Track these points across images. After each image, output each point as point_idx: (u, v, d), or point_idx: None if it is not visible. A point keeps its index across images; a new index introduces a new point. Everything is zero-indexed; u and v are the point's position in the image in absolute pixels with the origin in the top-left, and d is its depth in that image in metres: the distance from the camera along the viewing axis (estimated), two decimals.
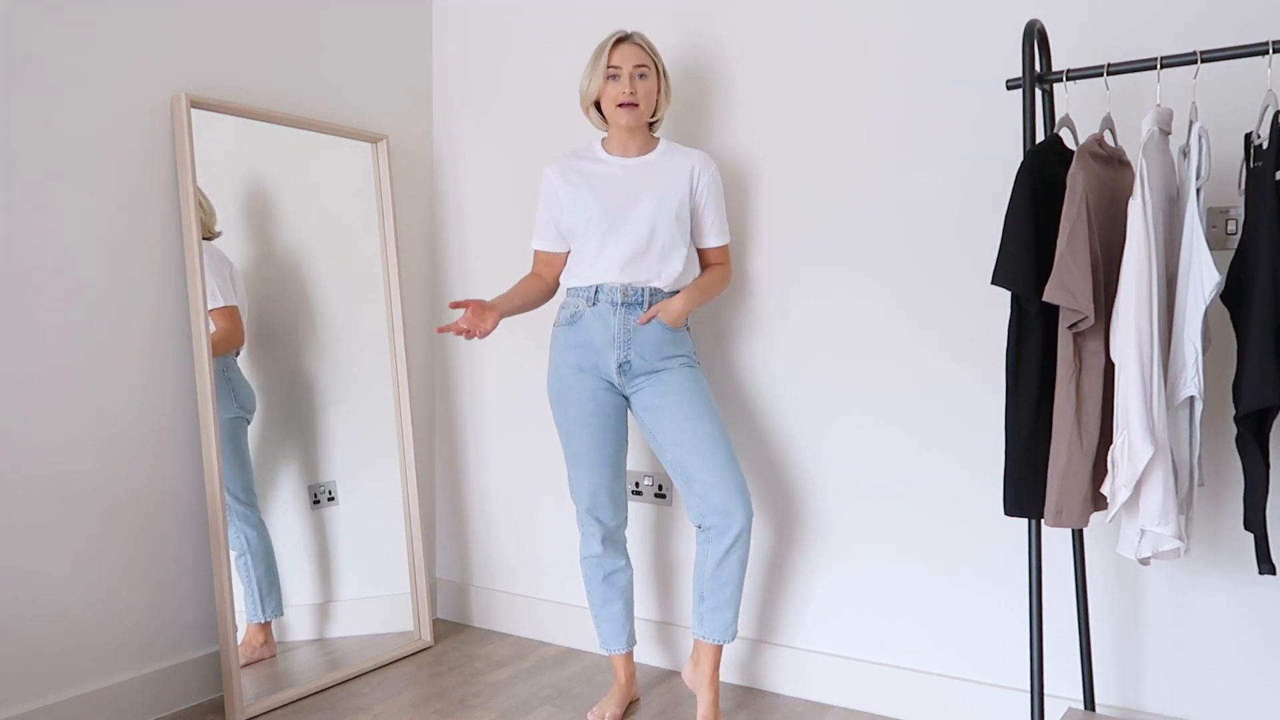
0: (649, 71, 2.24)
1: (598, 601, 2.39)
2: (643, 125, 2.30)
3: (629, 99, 2.21)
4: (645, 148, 2.32)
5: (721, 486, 2.17)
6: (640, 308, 2.25)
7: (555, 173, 2.33)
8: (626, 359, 2.25)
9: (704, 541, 2.22)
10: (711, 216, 2.32)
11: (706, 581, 2.23)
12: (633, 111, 2.22)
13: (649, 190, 2.26)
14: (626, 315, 2.24)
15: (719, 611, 2.23)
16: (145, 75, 2.30)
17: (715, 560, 2.20)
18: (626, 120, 2.23)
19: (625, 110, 2.22)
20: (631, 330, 2.24)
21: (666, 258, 2.26)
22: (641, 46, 2.25)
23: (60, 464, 2.16)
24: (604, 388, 2.28)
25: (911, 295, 2.33)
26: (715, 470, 2.18)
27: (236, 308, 2.46)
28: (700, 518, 2.21)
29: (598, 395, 2.28)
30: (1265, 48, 1.64)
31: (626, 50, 2.23)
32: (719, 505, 2.18)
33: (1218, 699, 2.04)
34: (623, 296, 2.24)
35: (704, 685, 2.27)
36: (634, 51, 2.23)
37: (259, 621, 2.50)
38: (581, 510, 2.34)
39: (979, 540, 2.27)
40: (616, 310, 2.24)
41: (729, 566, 2.20)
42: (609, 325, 2.24)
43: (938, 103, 2.28)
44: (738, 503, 2.17)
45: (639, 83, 2.22)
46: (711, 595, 2.23)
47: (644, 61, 2.23)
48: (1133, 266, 1.66)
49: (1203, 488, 2.02)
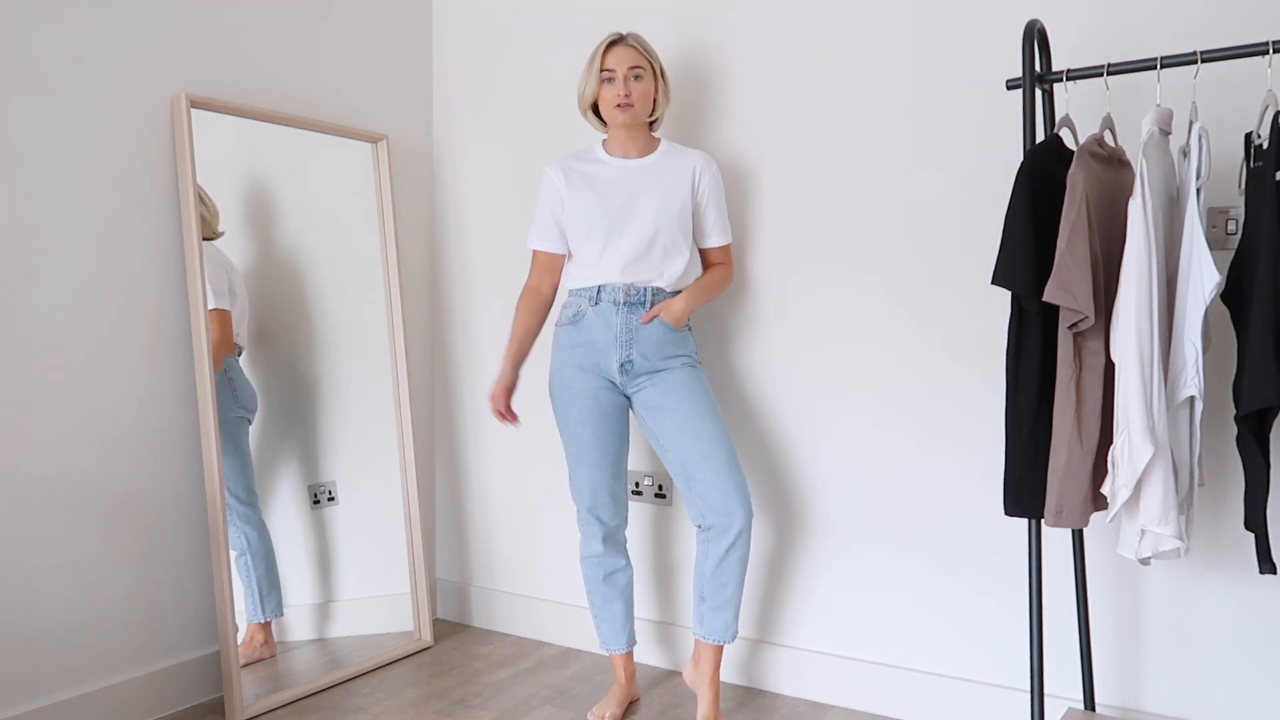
0: (644, 72, 2.25)
1: (598, 601, 2.39)
2: (642, 126, 2.31)
3: (624, 100, 2.23)
4: (646, 149, 2.33)
5: (722, 486, 2.18)
6: (642, 308, 2.26)
7: (557, 173, 2.33)
8: (629, 358, 2.25)
9: (704, 541, 2.23)
10: (713, 216, 2.33)
11: (707, 581, 2.23)
12: (628, 112, 2.24)
13: (651, 191, 2.27)
14: (629, 315, 2.25)
15: (719, 611, 2.23)
16: (145, 75, 2.30)
17: (715, 560, 2.20)
18: (622, 120, 2.25)
19: (621, 111, 2.24)
20: (634, 330, 2.25)
21: (668, 257, 2.26)
22: (635, 48, 2.25)
23: (60, 464, 2.16)
24: (605, 387, 2.29)
25: (912, 295, 2.33)
26: (716, 470, 2.18)
27: (227, 312, 2.45)
28: (700, 517, 2.22)
29: (599, 394, 2.28)
30: (1265, 48, 1.64)
31: (620, 52, 2.24)
32: (719, 505, 2.18)
33: (1218, 699, 2.04)
34: (625, 296, 2.25)
35: (704, 685, 2.27)
36: (628, 53, 2.24)
37: (259, 621, 2.50)
38: (582, 509, 2.35)
39: (979, 540, 2.27)
40: (619, 310, 2.25)
41: (729, 566, 2.20)
42: (611, 325, 2.25)
43: (938, 103, 2.28)
44: (738, 503, 2.18)
45: (634, 84, 2.24)
46: (712, 595, 2.23)
47: (638, 63, 2.24)
48: (1133, 266, 1.66)
49: (1203, 488, 2.02)
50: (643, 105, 2.26)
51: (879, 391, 2.38)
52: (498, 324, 2.97)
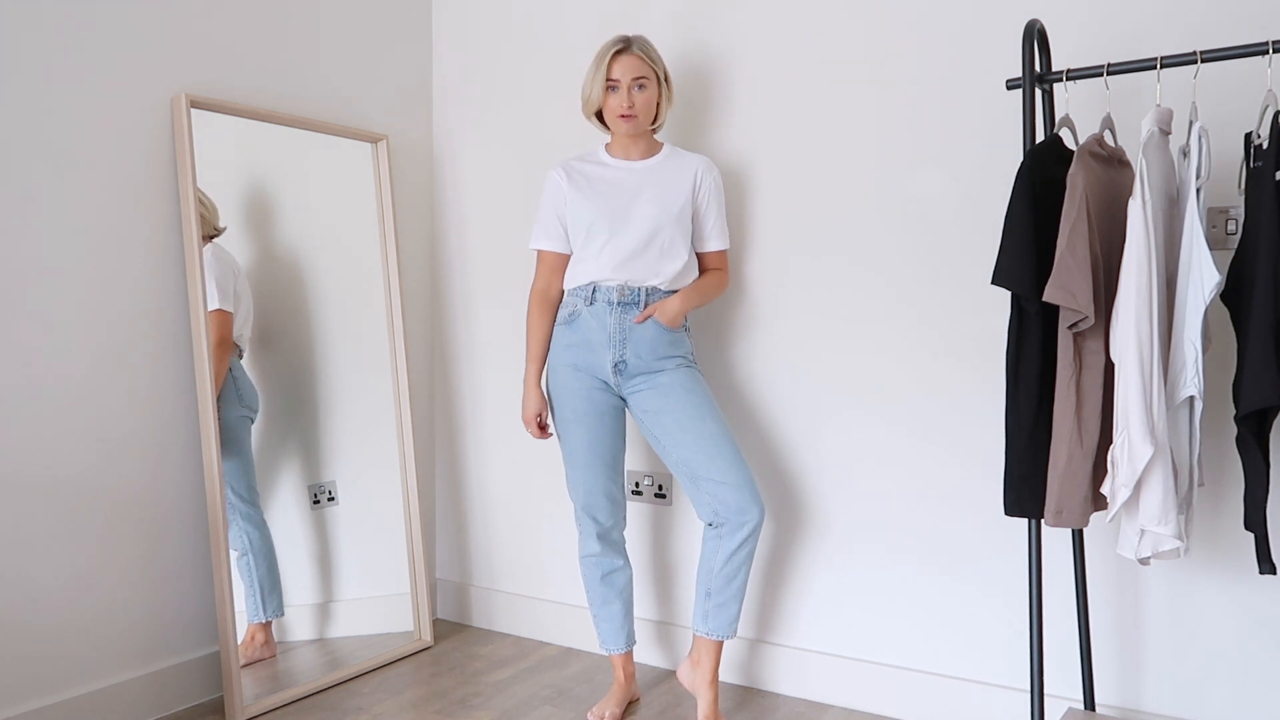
0: (648, 82, 2.27)
1: (596, 601, 2.39)
2: (645, 131, 2.33)
3: (628, 111, 2.25)
4: (648, 151, 2.36)
5: (734, 484, 2.18)
6: (637, 307, 2.26)
7: (561, 174, 2.35)
8: (622, 358, 2.26)
9: (714, 538, 2.23)
10: (712, 221, 2.35)
11: (715, 577, 2.23)
12: (631, 122, 2.27)
13: (652, 191, 2.29)
14: (623, 315, 2.26)
15: (725, 607, 2.24)
16: (145, 75, 2.30)
17: (725, 555, 2.20)
18: (626, 129, 2.28)
19: (625, 121, 2.27)
20: (628, 330, 2.25)
21: (666, 257, 2.27)
22: (640, 57, 2.26)
23: (60, 464, 2.16)
24: (599, 387, 2.30)
25: (912, 295, 2.33)
26: (724, 468, 2.19)
27: (229, 314, 2.44)
28: (712, 515, 2.22)
29: (592, 395, 2.29)
30: (1265, 48, 1.64)
31: (625, 62, 2.25)
32: (732, 502, 2.19)
33: (1218, 699, 2.04)
34: (619, 296, 2.25)
35: (704, 685, 2.27)
36: (633, 63, 2.25)
37: (260, 621, 2.50)
38: (578, 509, 2.35)
39: (979, 540, 2.27)
40: (612, 310, 2.26)
41: (738, 561, 2.21)
42: (605, 324, 2.26)
43: (938, 103, 2.28)
44: (751, 499, 2.19)
45: (637, 95, 2.26)
46: (719, 591, 2.23)
47: (643, 73, 2.26)
48: (1132, 266, 1.66)
49: (1203, 488, 2.02)
50: (645, 115, 2.28)
51: (879, 391, 2.38)
52: (498, 324, 2.97)
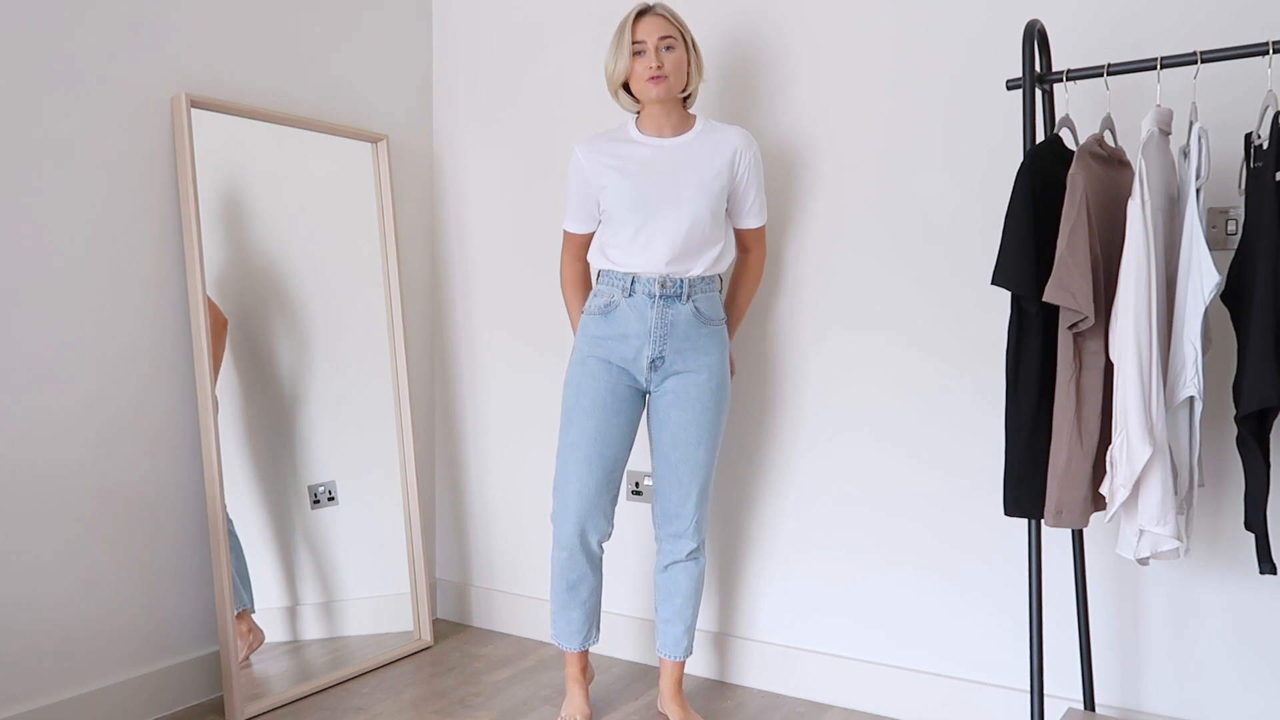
0: (676, 43, 2.13)
1: (558, 602, 2.30)
2: (676, 101, 2.19)
3: (657, 73, 2.10)
4: (681, 126, 2.20)
5: (682, 515, 2.23)
6: (678, 300, 2.16)
7: (584, 154, 2.21)
8: (660, 354, 2.17)
9: (658, 540, 2.30)
10: (752, 197, 2.24)
11: (658, 592, 2.31)
12: (662, 84, 2.11)
13: (689, 174, 2.15)
14: (664, 308, 2.16)
15: (669, 625, 2.28)
16: (145, 74, 2.30)
17: (660, 567, 2.28)
18: (656, 93, 2.11)
19: (655, 84, 2.11)
20: (668, 325, 2.16)
21: (707, 244, 2.17)
22: (665, 17, 2.13)
23: (59, 464, 2.15)
24: (628, 383, 2.21)
25: (911, 294, 2.33)
26: (684, 501, 2.23)
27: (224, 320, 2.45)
28: (655, 525, 2.29)
29: (618, 389, 2.20)
30: (1265, 48, 1.64)
31: (650, 22, 2.12)
32: (673, 529, 2.25)
33: (1218, 699, 2.04)
34: (661, 289, 2.15)
35: (668, 700, 2.33)
36: (658, 23, 2.12)
37: (237, 610, 2.47)
38: (558, 506, 2.22)
39: (979, 540, 2.27)
40: (654, 303, 2.15)
41: (674, 576, 2.26)
42: (645, 318, 2.16)
43: (937, 103, 2.28)
44: (691, 535, 2.24)
45: (666, 55, 2.11)
46: (662, 606, 2.30)
47: (669, 32, 2.12)
48: (1132, 266, 1.66)
49: (1203, 488, 2.02)
50: (676, 77, 2.12)
51: (879, 391, 2.38)
52: (498, 324, 2.97)
